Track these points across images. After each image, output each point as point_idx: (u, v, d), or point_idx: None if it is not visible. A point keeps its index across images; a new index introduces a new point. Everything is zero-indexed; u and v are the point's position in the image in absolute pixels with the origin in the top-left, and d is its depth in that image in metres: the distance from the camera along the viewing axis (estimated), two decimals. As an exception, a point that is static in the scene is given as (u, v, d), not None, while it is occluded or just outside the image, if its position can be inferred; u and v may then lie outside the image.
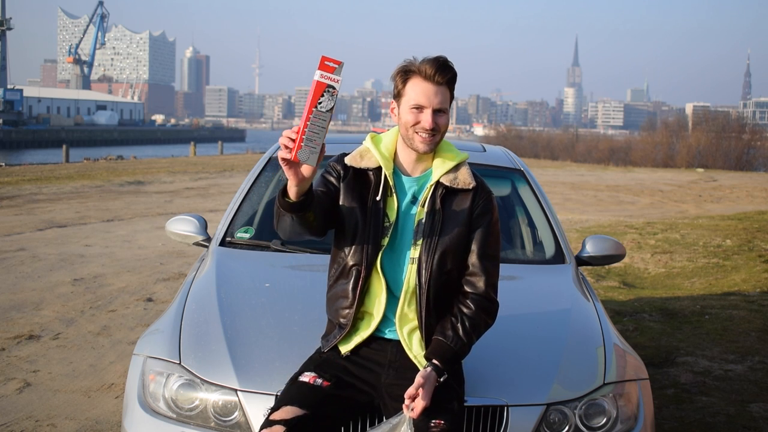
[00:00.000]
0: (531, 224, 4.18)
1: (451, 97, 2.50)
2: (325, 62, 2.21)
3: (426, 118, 2.43)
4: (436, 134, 2.47)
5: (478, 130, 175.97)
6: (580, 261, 3.93)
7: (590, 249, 3.94)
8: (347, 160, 2.57)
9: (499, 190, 4.38)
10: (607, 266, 7.87)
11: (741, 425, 4.40)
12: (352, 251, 2.50)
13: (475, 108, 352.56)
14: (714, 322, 6.73)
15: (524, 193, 4.31)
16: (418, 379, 2.32)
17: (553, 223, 4.03)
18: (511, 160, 4.50)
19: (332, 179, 2.56)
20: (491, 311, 2.53)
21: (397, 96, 2.50)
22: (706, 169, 41.35)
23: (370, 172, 2.54)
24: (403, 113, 2.48)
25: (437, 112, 2.45)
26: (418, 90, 2.44)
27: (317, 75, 2.20)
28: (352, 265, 2.50)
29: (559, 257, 3.86)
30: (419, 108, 2.44)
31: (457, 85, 2.51)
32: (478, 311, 2.48)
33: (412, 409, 2.28)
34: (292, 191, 2.29)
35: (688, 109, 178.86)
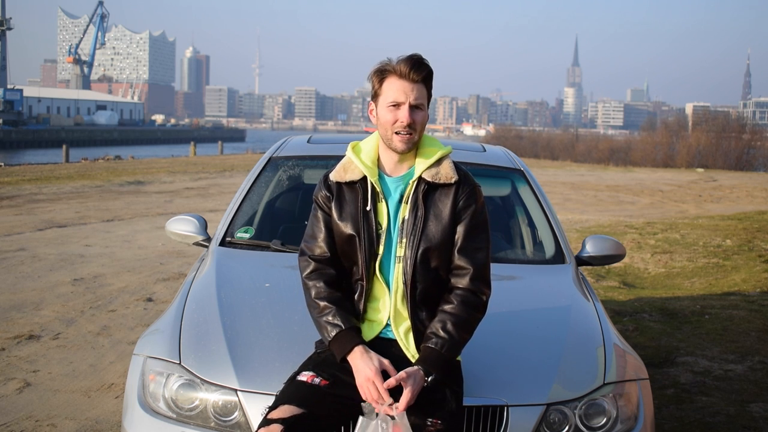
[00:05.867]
0: (531, 224, 4.18)
1: (429, 95, 2.51)
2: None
3: (403, 114, 2.44)
4: (414, 132, 2.47)
5: (468, 130, 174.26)
6: (580, 261, 3.93)
7: (590, 249, 3.93)
8: (332, 177, 2.58)
9: (499, 190, 4.38)
10: (607, 266, 7.87)
11: (741, 425, 4.40)
12: (351, 265, 2.53)
13: (475, 108, 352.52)
14: (714, 322, 6.73)
15: (524, 193, 4.31)
16: (401, 373, 2.31)
17: (553, 223, 4.03)
18: (511, 160, 4.50)
19: (323, 214, 2.57)
20: (478, 305, 2.50)
21: (375, 96, 2.51)
22: (706, 169, 41.36)
23: (357, 184, 2.55)
24: (381, 112, 2.49)
25: (414, 108, 2.46)
26: (395, 87, 2.45)
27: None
28: (355, 280, 2.53)
29: (559, 257, 3.85)
30: (396, 105, 2.45)
31: (457, 85, 2.54)
32: (461, 306, 2.46)
33: (395, 408, 2.27)
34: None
35: (688, 109, 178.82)
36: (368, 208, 2.51)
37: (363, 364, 2.34)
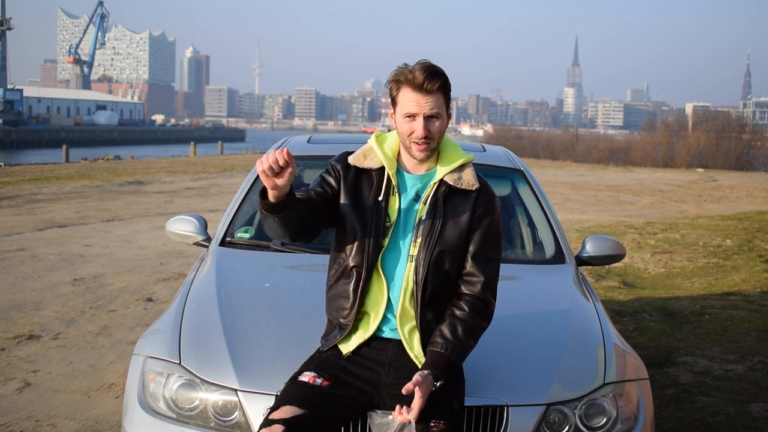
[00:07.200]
0: (531, 224, 4.18)
1: (447, 100, 2.49)
2: None
3: (418, 126, 2.44)
4: (431, 141, 2.47)
5: (465, 130, 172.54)
6: (580, 261, 3.93)
7: (590, 249, 3.94)
8: (350, 160, 2.57)
9: (499, 190, 4.38)
10: (607, 266, 7.87)
11: (741, 425, 4.40)
12: (353, 252, 2.51)
13: (475, 108, 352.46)
14: (714, 322, 6.73)
15: (524, 193, 4.31)
16: (416, 377, 2.31)
17: (553, 223, 4.03)
18: (511, 160, 4.50)
19: (331, 180, 2.56)
20: (486, 313, 2.52)
21: (393, 103, 2.52)
22: (706, 169, 41.35)
23: (373, 172, 2.55)
24: (398, 121, 2.50)
25: (430, 118, 2.45)
26: (409, 99, 2.45)
27: None
28: (353, 266, 2.50)
29: (559, 257, 3.86)
30: (411, 116, 2.45)
31: (457, 85, 2.53)
32: (471, 313, 2.48)
33: (408, 412, 2.27)
34: (270, 194, 2.30)
35: (688, 109, 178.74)
36: (380, 199, 2.51)
37: None
